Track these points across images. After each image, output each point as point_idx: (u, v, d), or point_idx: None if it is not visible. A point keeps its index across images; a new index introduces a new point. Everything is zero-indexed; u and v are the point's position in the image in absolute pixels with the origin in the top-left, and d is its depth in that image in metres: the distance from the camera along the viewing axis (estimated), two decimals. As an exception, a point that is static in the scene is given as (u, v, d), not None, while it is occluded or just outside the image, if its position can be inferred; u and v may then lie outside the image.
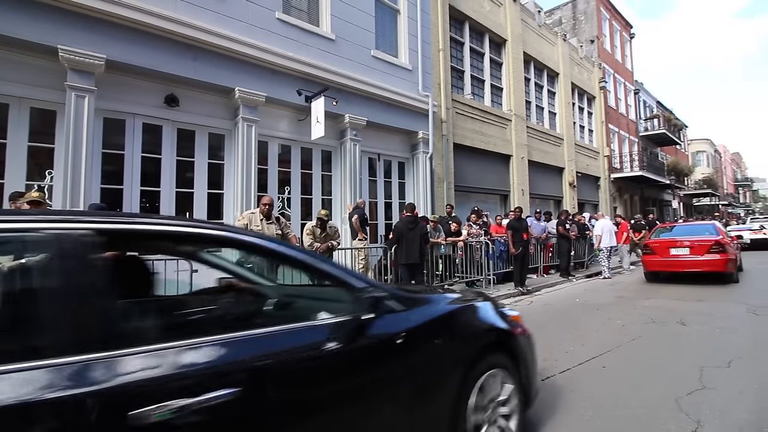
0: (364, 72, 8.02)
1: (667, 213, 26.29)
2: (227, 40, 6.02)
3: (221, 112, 6.39)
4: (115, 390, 1.04)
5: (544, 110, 15.14)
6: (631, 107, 22.99)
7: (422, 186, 9.23)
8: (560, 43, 15.96)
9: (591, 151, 18.02)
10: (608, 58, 20.76)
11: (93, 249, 1.19)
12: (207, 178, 6.30)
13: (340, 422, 1.45)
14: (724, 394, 2.91)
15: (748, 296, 6.76)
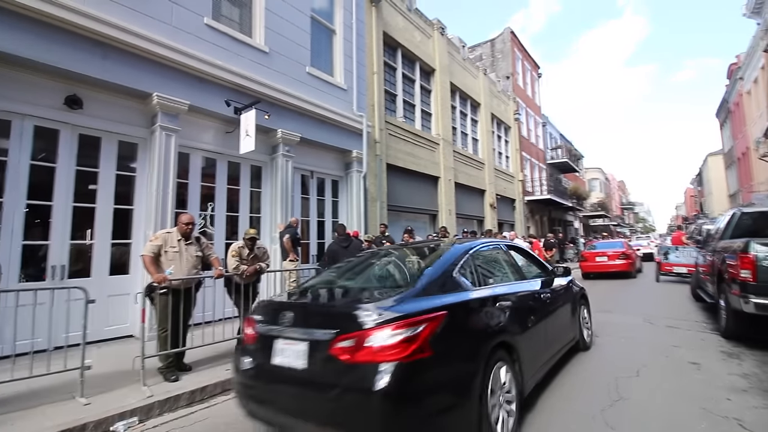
0: (299, 87, 7.82)
1: (570, 232, 29.55)
2: (146, 41, 5.42)
3: (135, 118, 5.69)
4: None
5: (468, 136, 16.21)
6: (539, 138, 25.71)
7: (356, 205, 9.17)
8: (481, 77, 17.36)
9: (508, 176, 19.65)
10: (521, 93, 23.10)
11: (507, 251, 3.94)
12: (114, 191, 5.50)
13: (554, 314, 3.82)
14: (639, 404, 3.19)
15: (644, 307, 7.73)
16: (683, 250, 11.50)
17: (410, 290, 2.43)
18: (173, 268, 4.09)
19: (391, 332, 2.08)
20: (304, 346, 2.28)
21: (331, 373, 2.14)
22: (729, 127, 25.57)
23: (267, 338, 2.50)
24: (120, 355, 4.46)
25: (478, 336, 2.52)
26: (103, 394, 3.52)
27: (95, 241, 5.30)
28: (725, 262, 5.07)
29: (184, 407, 3.57)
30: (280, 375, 2.35)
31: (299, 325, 2.40)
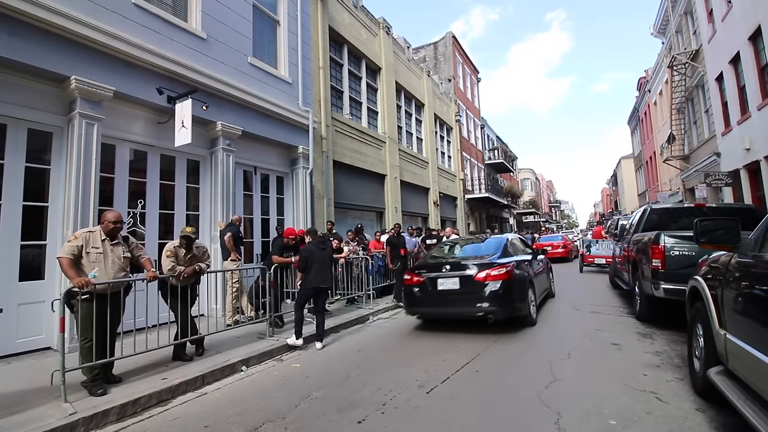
0: (240, 78, 7.45)
1: (505, 228, 31.46)
2: (62, 18, 4.81)
3: (50, 104, 5.04)
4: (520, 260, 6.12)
5: (413, 136, 16.57)
6: (479, 139, 27.03)
7: (302, 202, 8.96)
8: (425, 78, 17.83)
9: (450, 175, 20.41)
10: (462, 96, 24.09)
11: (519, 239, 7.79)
12: (23, 186, 4.83)
13: (542, 272, 7.26)
14: (572, 383, 3.51)
15: (570, 294, 8.47)
16: (603, 243, 12.78)
17: (496, 255, 5.85)
18: (97, 270, 3.69)
19: (497, 270, 5.41)
20: (457, 279, 5.51)
21: (473, 288, 5.38)
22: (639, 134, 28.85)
23: (432, 279, 5.67)
24: (35, 370, 3.96)
25: (523, 273, 5.86)
26: (16, 415, 3.10)
27: (1, 242, 4.62)
28: (639, 252, 5.72)
29: (113, 422, 3.26)
30: (443, 294, 5.58)
31: (453, 270, 5.65)
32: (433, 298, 5.64)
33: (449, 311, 5.69)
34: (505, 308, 5.28)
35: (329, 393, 3.66)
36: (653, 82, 21.91)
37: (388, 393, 3.54)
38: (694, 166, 15.46)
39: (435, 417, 3.02)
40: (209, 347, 4.89)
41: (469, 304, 5.35)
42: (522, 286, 5.62)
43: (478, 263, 5.58)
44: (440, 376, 3.87)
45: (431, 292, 5.64)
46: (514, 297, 5.40)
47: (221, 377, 4.23)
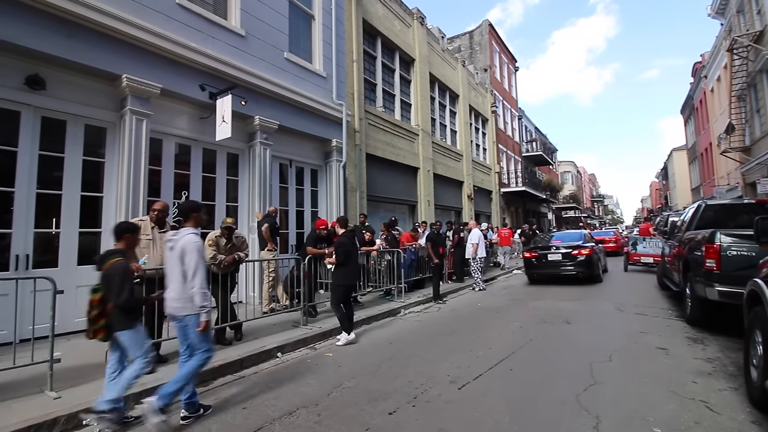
0: (277, 74, 7.62)
1: (543, 223, 30.42)
2: (113, 19, 5.12)
3: (103, 101, 5.39)
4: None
5: (447, 128, 16.30)
6: (515, 131, 26.19)
7: (335, 194, 9.08)
8: (460, 68, 17.43)
9: (485, 168, 19.94)
10: (498, 86, 23.37)
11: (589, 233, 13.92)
12: (81, 177, 5.22)
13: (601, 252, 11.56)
14: (613, 387, 3.34)
15: (614, 295, 8.07)
16: (650, 241, 12.04)
17: (581, 241, 10.07)
18: (147, 257, 3.94)
19: (584, 249, 9.67)
20: (561, 254, 9.73)
21: (570, 258, 9.59)
22: (693, 124, 26.82)
23: (544, 254, 9.93)
24: (92, 347, 4.27)
25: (596, 252, 10.17)
26: (75, 388, 3.39)
27: (62, 229, 5.04)
28: (691, 251, 5.34)
29: (160, 400, 3.47)
30: (552, 263, 9.76)
31: (558, 248, 9.83)
32: (545, 264, 9.88)
33: (554, 271, 9.77)
34: (588, 270, 9.48)
35: (361, 383, 3.72)
36: (710, 68, 20.24)
37: (419, 386, 3.54)
38: (756, 158, 14.19)
39: (466, 413, 2.98)
40: (247, 333, 5.10)
41: (567, 267, 9.57)
42: (596, 259, 10.02)
43: (572, 245, 9.80)
44: (473, 373, 3.82)
45: (543, 262, 9.89)
46: (592, 264, 9.61)
47: (258, 362, 4.41)
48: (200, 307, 3.03)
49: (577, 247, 9.60)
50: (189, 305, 3.06)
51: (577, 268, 9.36)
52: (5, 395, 3.20)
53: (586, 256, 9.38)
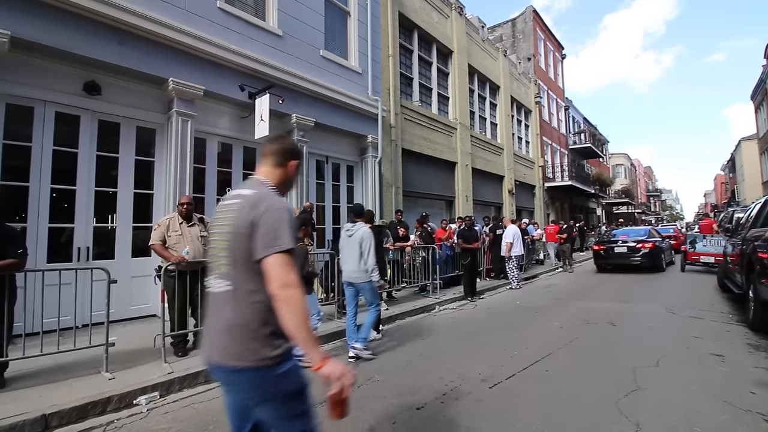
0: (313, 71, 7.76)
1: (592, 220, 28.82)
2: (160, 26, 5.45)
3: (152, 104, 5.77)
4: None
5: (486, 121, 15.84)
6: (561, 122, 24.93)
7: (371, 190, 9.14)
8: (501, 59, 16.84)
9: (527, 161, 19.19)
10: (543, 75, 22.34)
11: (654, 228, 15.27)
12: (134, 176, 5.64)
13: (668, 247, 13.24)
14: (657, 394, 3.10)
15: (666, 297, 7.50)
16: (711, 239, 11.04)
17: (645, 236, 11.86)
18: (189, 248, 4.18)
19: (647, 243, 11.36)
20: (627, 247, 11.45)
21: (634, 251, 11.28)
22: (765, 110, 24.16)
23: (610, 246, 11.78)
24: (143, 333, 4.63)
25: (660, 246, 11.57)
26: (127, 370, 3.67)
27: (117, 224, 5.47)
28: (756, 251, 4.83)
29: (201, 384, 3.68)
30: (618, 254, 11.53)
31: (625, 242, 11.60)
32: (612, 256, 11.62)
33: (621, 261, 11.40)
34: (650, 261, 11.03)
35: (390, 377, 3.73)
36: (790, 45, 18.05)
37: (449, 383, 3.50)
38: None
39: (496, 413, 2.90)
40: (283, 325, 5.26)
41: (632, 258, 11.18)
42: (659, 252, 11.37)
43: (637, 239, 11.51)
44: (505, 372, 3.71)
45: (610, 254, 11.65)
46: (654, 256, 11.13)
47: (293, 352, 4.54)
48: (374, 276, 4.38)
49: (641, 241, 11.39)
50: (365, 275, 4.36)
51: (641, 259, 11.07)
52: (67, 374, 3.53)
53: (649, 249, 11.12)
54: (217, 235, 1.46)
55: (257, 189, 1.46)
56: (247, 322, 1.34)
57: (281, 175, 1.56)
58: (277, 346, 1.36)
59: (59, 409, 2.92)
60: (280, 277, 1.30)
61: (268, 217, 1.35)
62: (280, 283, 1.30)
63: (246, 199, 1.41)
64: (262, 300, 1.34)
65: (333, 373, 1.32)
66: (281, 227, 1.34)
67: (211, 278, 1.47)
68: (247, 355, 1.33)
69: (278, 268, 1.31)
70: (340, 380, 1.32)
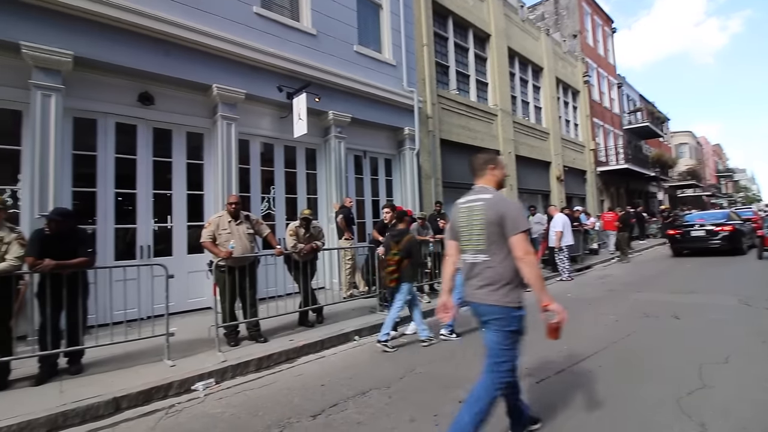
0: (347, 67, 7.82)
1: (653, 204, 26.68)
2: (202, 35, 5.74)
3: (199, 109, 6.12)
4: None
5: (529, 105, 15.14)
6: (614, 101, 23.23)
7: (410, 183, 9.09)
8: (543, 38, 15.96)
9: (577, 145, 18.12)
10: (591, 52, 20.91)
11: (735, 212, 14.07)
12: (186, 179, 6.03)
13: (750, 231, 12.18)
14: (725, 393, 2.83)
15: (740, 287, 6.79)
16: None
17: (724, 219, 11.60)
18: (234, 242, 4.42)
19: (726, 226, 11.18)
20: (704, 231, 11.39)
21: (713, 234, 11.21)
22: None
23: (687, 231, 11.78)
24: (199, 324, 4.97)
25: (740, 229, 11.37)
26: (185, 358, 3.96)
27: (173, 224, 5.89)
28: None
29: (253, 372, 3.89)
30: (695, 238, 11.53)
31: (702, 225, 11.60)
32: (688, 239, 11.65)
33: (698, 245, 11.41)
34: (729, 244, 10.85)
35: (433, 369, 3.71)
36: None
37: (492, 376, 3.41)
38: None
39: (544, 410, 2.78)
40: (327, 316, 5.42)
41: (711, 241, 11.09)
42: (740, 235, 11.18)
43: (716, 222, 11.41)
44: (554, 367, 3.55)
45: (687, 237, 11.65)
46: (734, 239, 10.92)
47: (337, 344, 4.67)
48: None
49: (720, 224, 11.30)
50: None
51: (721, 242, 10.96)
52: (134, 362, 3.87)
53: (729, 232, 10.99)
54: (468, 226, 2.22)
55: (491, 193, 2.22)
56: (502, 278, 2.10)
57: (493, 179, 2.32)
58: (518, 295, 2.12)
59: (128, 393, 3.21)
60: (523, 247, 2.05)
61: (511, 211, 2.09)
62: (523, 251, 2.05)
63: (488, 201, 2.17)
64: (509, 265, 2.10)
65: (557, 309, 2.09)
66: (519, 216, 2.10)
67: (468, 253, 2.24)
68: (502, 298, 2.10)
69: (521, 243, 2.05)
70: (561, 314, 2.10)
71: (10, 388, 3.35)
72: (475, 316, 2.30)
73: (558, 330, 2.14)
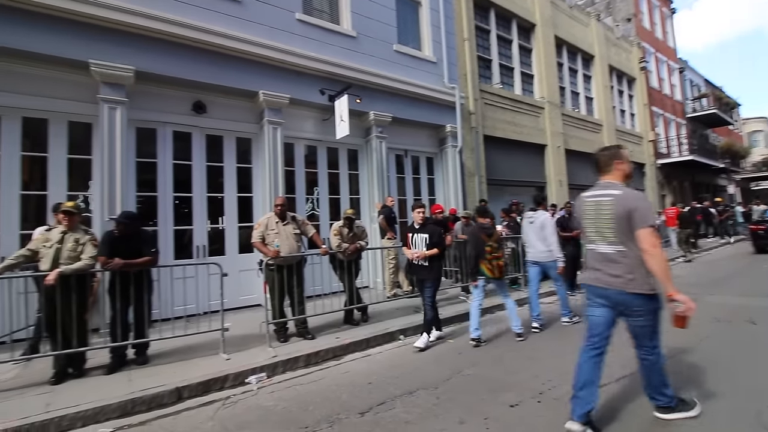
0: (387, 67, 7.83)
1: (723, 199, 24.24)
2: (248, 44, 6.00)
3: (247, 116, 6.40)
4: None
5: (579, 96, 14.33)
6: (676, 87, 21.41)
7: (452, 181, 8.92)
8: (594, 24, 15.06)
9: (634, 137, 16.91)
10: (648, 36, 19.42)
11: None
12: (236, 182, 6.33)
13: None
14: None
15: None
16: None
17: None
18: (278, 241, 4.56)
19: None
20: None
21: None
22: None
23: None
24: (250, 321, 5.18)
25: None
26: (239, 352, 4.13)
27: (225, 225, 6.20)
28: None
29: (301, 368, 3.98)
30: None
31: None
32: None
33: None
34: None
35: (481, 372, 3.60)
36: None
37: (546, 382, 3.25)
38: None
39: (604, 418, 2.60)
40: (372, 315, 5.44)
41: None
42: None
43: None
44: (615, 373, 3.31)
45: None
46: None
47: (383, 342, 4.67)
48: (558, 257, 4.97)
49: None
50: (548, 255, 5.01)
51: None
52: (193, 354, 4.11)
53: None
54: (595, 219, 2.44)
55: (620, 189, 2.38)
56: (638, 267, 2.27)
57: (620, 174, 2.49)
58: (652, 281, 2.27)
59: (189, 383, 3.41)
60: (650, 241, 2.21)
61: (640, 207, 2.25)
62: (650, 244, 2.21)
63: (617, 197, 2.34)
64: (639, 255, 2.25)
65: (683, 299, 2.20)
66: (647, 212, 2.27)
67: (599, 244, 2.44)
68: (642, 286, 2.27)
69: (648, 236, 2.22)
70: (687, 304, 2.20)
71: (86, 375, 3.68)
72: (595, 297, 2.49)
73: (685, 319, 2.21)
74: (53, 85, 4.89)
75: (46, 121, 4.96)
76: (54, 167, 4.97)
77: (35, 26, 4.57)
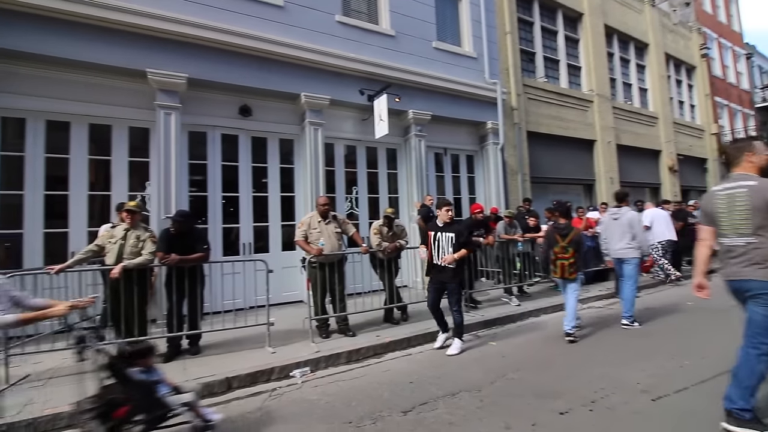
0: (426, 65, 7.75)
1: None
2: (291, 48, 6.17)
3: (290, 117, 6.59)
4: None
5: (632, 87, 13.46)
6: (742, 75, 19.55)
7: (494, 179, 8.68)
8: (648, 10, 14.07)
9: (694, 130, 15.64)
10: (709, 20, 17.87)
11: None
12: (279, 182, 6.54)
13: None
14: None
15: None
16: None
17: None
18: (323, 240, 4.65)
19: None
20: None
21: None
22: None
23: None
24: (293, 316, 5.32)
25: None
26: (284, 346, 4.26)
27: (270, 223, 6.43)
28: None
29: (343, 364, 4.04)
30: None
31: None
32: None
33: None
34: None
35: (527, 376, 3.48)
36: None
37: (599, 390, 3.08)
38: None
39: (661, 429, 2.42)
40: (412, 315, 5.41)
41: None
42: None
43: None
44: (673, 385, 3.08)
45: None
46: None
47: (423, 342, 4.62)
48: (645, 254, 5.10)
49: None
50: (632, 252, 4.98)
51: None
52: (241, 347, 4.28)
53: None
54: (728, 212, 2.41)
55: (755, 180, 2.35)
56: None
57: (753, 166, 2.43)
58: None
59: (238, 374, 3.56)
60: None
61: None
62: None
63: (753, 187, 2.31)
64: None
65: None
66: None
67: (729, 237, 2.42)
68: None
69: None
70: None
71: (146, 363, 3.94)
72: (734, 294, 2.48)
73: None
74: (115, 93, 5.28)
75: (109, 127, 5.37)
76: (116, 169, 5.37)
77: (99, 39, 4.95)
